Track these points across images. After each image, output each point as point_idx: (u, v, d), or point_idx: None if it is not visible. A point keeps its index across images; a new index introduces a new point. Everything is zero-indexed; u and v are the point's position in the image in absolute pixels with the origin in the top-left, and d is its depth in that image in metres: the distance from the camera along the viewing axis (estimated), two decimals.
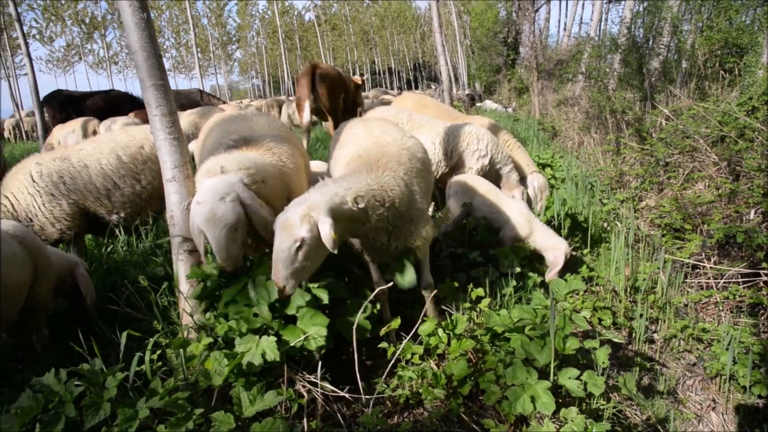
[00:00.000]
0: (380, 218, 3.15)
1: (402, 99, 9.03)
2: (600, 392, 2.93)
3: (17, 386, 3.10)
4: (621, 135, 10.00)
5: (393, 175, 3.25)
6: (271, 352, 2.64)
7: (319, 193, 2.91)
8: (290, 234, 2.78)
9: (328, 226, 2.73)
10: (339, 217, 2.90)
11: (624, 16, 14.35)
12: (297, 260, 2.82)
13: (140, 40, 2.99)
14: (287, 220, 2.81)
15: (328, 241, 2.74)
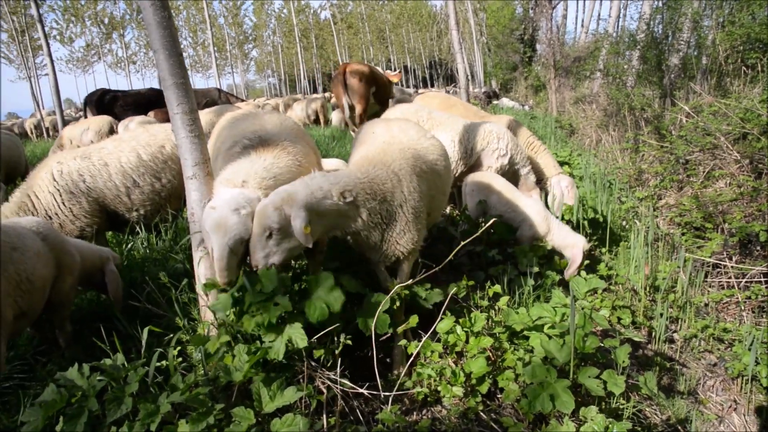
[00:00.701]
0: (372, 212, 3.11)
1: (428, 98, 8.99)
2: (620, 391, 2.90)
3: (40, 380, 3.15)
4: (640, 132, 9.90)
5: (386, 169, 3.22)
6: (298, 338, 2.66)
7: (303, 185, 2.92)
8: (260, 222, 2.84)
9: (300, 220, 2.76)
10: (321, 212, 2.91)
11: (643, 12, 14.17)
12: (269, 246, 2.88)
13: (162, 38, 3.01)
14: (262, 208, 2.85)
15: (299, 235, 2.77)
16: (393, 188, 3.18)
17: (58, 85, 14.18)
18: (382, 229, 3.22)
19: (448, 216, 6.07)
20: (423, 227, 3.42)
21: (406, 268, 3.52)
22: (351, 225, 3.11)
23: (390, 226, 3.22)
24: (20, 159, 9.69)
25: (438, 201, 3.79)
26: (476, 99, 22.04)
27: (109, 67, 60.55)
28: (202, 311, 3.36)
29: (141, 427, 2.42)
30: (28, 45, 37.28)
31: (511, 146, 6.00)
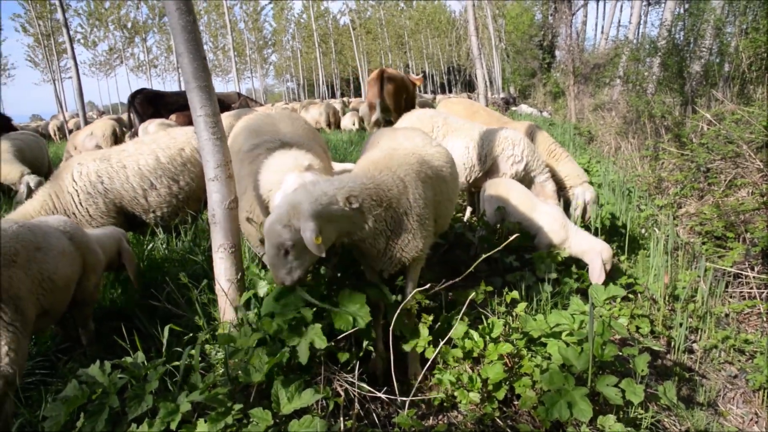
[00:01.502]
0: (377, 219, 3.03)
1: (451, 104, 9.00)
2: (639, 401, 2.88)
3: (62, 377, 3.19)
4: (660, 140, 9.82)
5: (391, 175, 3.15)
6: (319, 339, 2.67)
7: (305, 193, 2.83)
8: (274, 242, 2.77)
9: (310, 231, 2.66)
10: (329, 217, 2.82)
11: (665, 18, 14.07)
12: (288, 261, 2.82)
13: (186, 42, 3.05)
14: (270, 228, 2.77)
15: (312, 247, 2.67)
16: (399, 194, 3.12)
17: (81, 88, 14.40)
18: (387, 236, 3.15)
19: (465, 222, 6.06)
20: (429, 235, 3.36)
21: (413, 276, 3.48)
22: (357, 232, 3.03)
23: (395, 233, 3.15)
24: (44, 159, 9.88)
25: (445, 208, 3.72)
26: (494, 105, 21.99)
27: (130, 71, 61.62)
28: (222, 311, 3.39)
29: (161, 425, 2.45)
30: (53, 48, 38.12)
31: (527, 153, 5.97)
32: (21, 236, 2.99)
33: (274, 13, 69.42)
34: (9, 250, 2.83)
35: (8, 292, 2.74)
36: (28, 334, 2.87)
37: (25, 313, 2.83)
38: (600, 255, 4.66)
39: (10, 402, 2.74)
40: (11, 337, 2.73)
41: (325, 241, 2.78)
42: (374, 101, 12.30)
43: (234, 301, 3.32)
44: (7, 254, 2.81)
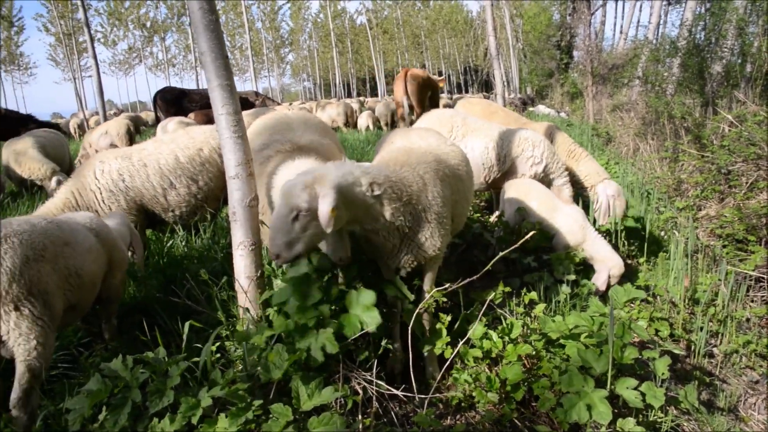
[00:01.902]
0: (395, 213, 2.98)
1: (469, 104, 8.98)
2: (660, 404, 2.86)
3: (83, 370, 3.23)
4: (679, 141, 9.72)
5: (412, 172, 3.13)
6: (330, 344, 2.67)
7: (334, 167, 2.79)
8: (288, 202, 2.67)
9: (329, 200, 2.57)
10: (350, 198, 2.75)
11: (685, 18, 13.94)
12: (294, 230, 2.69)
13: (209, 41, 3.08)
14: (289, 188, 2.70)
15: (324, 216, 2.58)
16: (419, 191, 3.11)
17: (101, 87, 14.58)
18: (404, 232, 3.12)
19: (483, 222, 6.05)
20: (446, 233, 3.35)
21: (431, 275, 3.48)
22: (372, 222, 2.98)
23: (412, 229, 3.13)
24: (65, 156, 10.05)
25: (461, 207, 3.70)
26: (512, 105, 21.92)
27: (149, 70, 62.46)
28: (241, 308, 3.42)
29: (182, 420, 2.48)
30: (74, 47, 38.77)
31: (547, 155, 5.94)
32: (49, 232, 3.04)
33: (291, 13, 69.95)
34: (37, 246, 2.88)
35: (37, 287, 2.79)
36: (54, 329, 2.92)
37: (52, 307, 2.88)
38: (608, 269, 4.65)
39: (36, 394, 2.79)
40: (39, 331, 2.77)
41: (337, 219, 2.68)
42: (400, 100, 13.18)
43: (253, 298, 3.34)
44: (35, 249, 2.85)
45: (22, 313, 2.73)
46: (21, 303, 2.73)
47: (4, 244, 2.74)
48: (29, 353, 2.74)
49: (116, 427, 2.52)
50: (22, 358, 2.74)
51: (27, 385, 2.73)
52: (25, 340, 2.74)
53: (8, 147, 9.04)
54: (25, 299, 2.74)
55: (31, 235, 2.89)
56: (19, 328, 2.73)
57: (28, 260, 2.79)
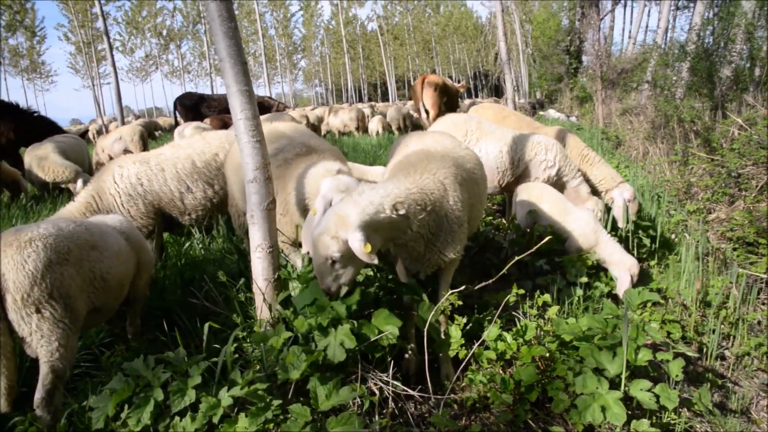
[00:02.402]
0: (422, 224, 3.05)
1: (482, 109, 9.03)
2: (673, 406, 2.88)
3: (105, 369, 3.31)
4: (689, 145, 9.72)
5: (432, 178, 3.16)
6: (349, 339, 2.72)
7: (352, 204, 2.85)
8: (321, 253, 2.82)
9: (358, 241, 2.69)
10: (377, 226, 2.85)
11: (694, 23, 13.93)
12: (335, 271, 2.88)
13: (228, 48, 3.15)
14: (318, 239, 2.82)
15: (362, 256, 2.70)
16: (440, 197, 3.14)
17: (120, 93, 14.77)
18: (428, 239, 3.17)
19: (495, 225, 6.09)
20: (464, 236, 3.40)
21: (447, 277, 3.52)
22: (401, 237, 3.07)
23: (435, 235, 3.18)
24: (84, 161, 10.26)
25: (476, 210, 3.76)
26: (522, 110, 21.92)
27: (165, 77, 63.23)
28: (259, 309, 3.48)
29: (203, 419, 2.54)
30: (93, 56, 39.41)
31: (560, 158, 5.97)
32: (76, 235, 3.08)
33: (303, 20, 70.36)
34: (62, 249, 2.92)
35: (59, 290, 2.83)
36: (77, 331, 2.96)
37: (74, 310, 2.92)
38: (629, 271, 4.65)
39: (59, 394, 2.84)
40: (61, 333, 2.82)
41: (373, 247, 2.80)
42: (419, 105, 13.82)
43: (271, 299, 3.41)
44: (59, 252, 2.89)
45: (44, 315, 2.78)
46: (42, 306, 2.77)
47: (27, 248, 2.78)
48: (52, 354, 2.80)
49: (139, 426, 2.57)
50: (45, 359, 2.79)
51: (50, 385, 2.79)
52: (47, 341, 2.79)
53: (30, 152, 9.23)
54: (47, 302, 2.79)
55: (57, 239, 2.93)
56: (41, 330, 2.77)
57: (50, 263, 2.82)
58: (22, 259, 2.74)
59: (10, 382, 2.81)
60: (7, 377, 2.79)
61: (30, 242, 2.82)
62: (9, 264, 2.72)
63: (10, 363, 2.79)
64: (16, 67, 54.54)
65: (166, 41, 59.71)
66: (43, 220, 3.63)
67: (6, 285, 2.70)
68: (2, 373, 2.77)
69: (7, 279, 2.71)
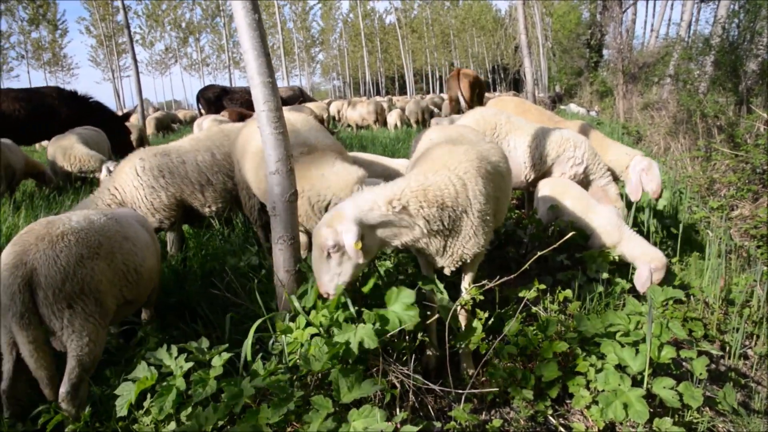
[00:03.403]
0: (430, 219, 3.01)
1: (502, 102, 8.94)
2: (698, 405, 2.84)
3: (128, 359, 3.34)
4: (712, 140, 9.59)
5: (448, 174, 3.12)
6: (369, 339, 2.71)
7: (351, 201, 2.93)
8: (319, 245, 2.87)
9: (351, 234, 2.74)
10: (372, 224, 2.89)
11: (719, 15, 13.70)
12: (332, 267, 2.90)
13: (251, 39, 3.14)
14: (317, 232, 2.88)
15: (350, 251, 2.77)
16: (456, 193, 3.09)
17: (140, 86, 14.89)
18: (445, 235, 3.14)
19: (516, 219, 6.05)
20: (490, 230, 3.34)
21: (471, 272, 3.50)
22: (409, 234, 3.05)
23: (454, 231, 3.14)
24: (105, 150, 10.44)
25: (502, 204, 3.69)
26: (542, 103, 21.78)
27: (184, 69, 63.94)
28: (280, 301, 3.49)
29: (225, 409, 2.55)
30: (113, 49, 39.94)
31: (588, 155, 5.88)
32: (107, 228, 3.09)
33: (322, 13, 70.58)
34: (93, 243, 2.93)
35: (89, 285, 2.85)
36: (106, 325, 2.98)
37: (104, 305, 2.93)
38: (648, 264, 4.53)
39: (84, 388, 2.87)
40: (91, 328, 2.84)
41: (368, 247, 2.87)
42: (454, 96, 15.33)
43: (292, 291, 3.41)
44: (90, 247, 2.91)
45: (75, 310, 2.78)
46: (74, 301, 2.78)
47: (60, 242, 2.80)
48: (81, 349, 2.81)
49: (161, 414, 2.60)
50: (74, 354, 2.80)
51: (76, 379, 2.81)
52: (78, 336, 2.80)
53: (54, 143, 9.40)
54: (78, 297, 2.79)
55: (88, 233, 2.94)
56: (72, 326, 2.78)
57: (82, 258, 2.84)
58: (54, 254, 2.75)
59: (50, 372, 2.83)
60: (46, 368, 2.80)
61: (62, 236, 2.83)
62: (41, 259, 2.73)
63: (46, 354, 2.80)
64: (38, 60, 55.31)
65: (185, 34, 60.30)
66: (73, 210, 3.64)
67: (37, 280, 2.70)
68: (41, 366, 2.78)
69: (38, 274, 2.71)
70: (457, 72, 15.69)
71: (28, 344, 2.72)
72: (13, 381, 2.83)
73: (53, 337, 2.82)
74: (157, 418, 2.62)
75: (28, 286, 2.68)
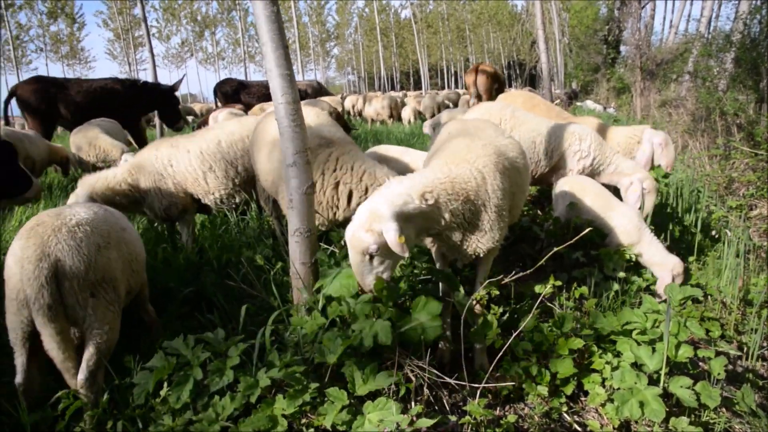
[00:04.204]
0: (455, 213, 3.01)
1: (511, 96, 8.91)
2: (715, 405, 2.81)
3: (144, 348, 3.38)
4: (731, 139, 9.48)
5: (469, 167, 3.11)
6: (384, 335, 2.71)
7: (382, 197, 2.85)
8: (358, 250, 2.80)
9: (393, 232, 2.68)
10: (407, 217, 2.83)
11: (741, 11, 13.49)
12: (374, 267, 2.87)
13: (270, 32, 3.14)
14: (353, 236, 2.81)
15: (396, 248, 2.70)
16: (477, 187, 3.09)
17: (157, 79, 14.96)
18: (465, 228, 3.14)
19: (532, 216, 6.02)
20: (505, 226, 3.34)
21: (485, 267, 3.49)
22: (435, 227, 3.05)
23: (472, 224, 3.14)
24: (124, 140, 10.78)
25: (518, 199, 3.68)
26: (558, 100, 21.66)
27: (199, 63, 64.41)
28: (295, 293, 3.51)
29: (241, 399, 2.58)
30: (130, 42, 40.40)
31: (594, 147, 5.82)
32: (108, 219, 3.12)
33: (337, 8, 70.57)
34: (103, 233, 2.97)
35: (108, 273, 2.89)
36: (120, 313, 3.03)
37: (120, 293, 2.98)
38: (672, 272, 4.49)
39: (101, 374, 2.90)
40: (111, 316, 2.89)
41: (407, 240, 2.80)
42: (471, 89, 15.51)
43: (308, 283, 3.42)
44: (103, 236, 2.94)
45: (98, 299, 2.83)
46: (96, 290, 2.82)
47: (78, 232, 2.82)
48: (101, 337, 2.85)
49: (178, 403, 2.62)
50: (93, 341, 2.84)
51: (94, 366, 2.84)
52: (99, 324, 2.84)
53: (78, 134, 9.77)
54: (99, 286, 2.83)
55: (98, 223, 2.97)
56: (95, 314, 2.82)
57: (99, 248, 2.87)
58: (75, 243, 2.78)
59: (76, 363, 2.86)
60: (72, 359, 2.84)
61: (78, 226, 2.86)
62: (65, 249, 2.74)
63: (72, 345, 2.84)
64: (56, 53, 55.98)
65: (201, 28, 60.73)
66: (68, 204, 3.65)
67: (63, 270, 2.72)
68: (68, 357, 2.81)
69: (63, 264, 2.72)
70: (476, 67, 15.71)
71: (56, 336, 2.74)
72: (28, 374, 2.85)
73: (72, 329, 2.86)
74: (173, 407, 2.64)
75: (55, 278, 2.70)
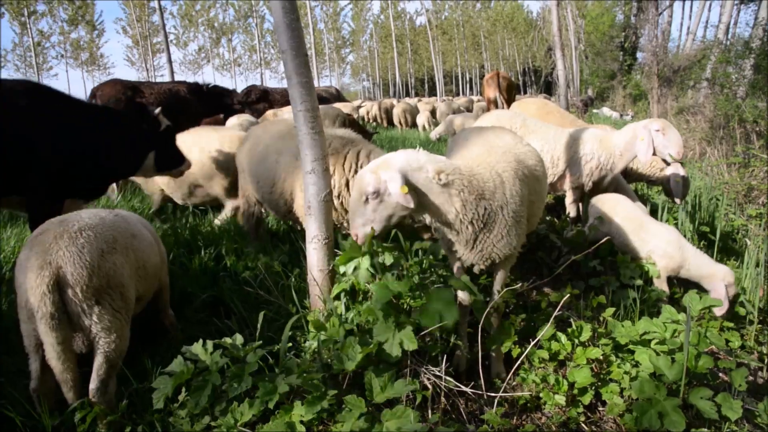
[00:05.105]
0: (466, 206, 3.00)
1: (524, 104, 8.87)
2: (737, 417, 2.78)
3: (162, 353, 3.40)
4: (750, 146, 9.38)
5: (489, 169, 3.14)
6: (408, 341, 2.71)
7: (402, 153, 2.97)
8: (359, 189, 2.90)
9: (396, 182, 2.76)
10: (414, 182, 2.88)
11: (760, 18, 13.36)
12: (367, 212, 2.93)
13: (290, 39, 3.18)
14: (360, 176, 2.92)
15: (398, 197, 2.78)
16: (494, 188, 3.10)
17: None
18: (478, 227, 3.11)
19: (549, 223, 5.98)
20: (523, 233, 3.34)
21: (503, 273, 3.47)
22: (443, 213, 3.02)
23: (487, 226, 3.13)
24: None
25: (536, 207, 3.67)
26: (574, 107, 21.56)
27: (216, 69, 65.17)
28: (313, 300, 3.51)
29: (260, 405, 2.59)
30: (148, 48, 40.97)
31: (596, 147, 5.75)
32: (116, 224, 3.09)
33: (353, 14, 70.96)
34: (109, 238, 2.93)
35: (114, 280, 2.85)
36: (129, 320, 2.99)
37: (128, 299, 2.95)
38: (723, 281, 4.26)
39: (113, 383, 2.89)
40: (118, 324, 2.85)
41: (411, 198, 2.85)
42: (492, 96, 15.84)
43: (325, 290, 3.43)
44: (108, 242, 2.90)
45: (104, 306, 2.78)
46: (101, 296, 2.77)
47: (79, 238, 2.78)
48: (109, 345, 2.80)
49: (197, 408, 2.64)
50: (102, 350, 2.80)
51: (104, 375, 2.81)
52: (106, 332, 2.79)
53: None
54: (105, 292, 2.79)
55: (103, 228, 2.94)
56: (102, 322, 2.77)
57: (103, 253, 2.82)
58: (77, 249, 2.73)
59: (76, 374, 2.82)
60: (72, 370, 2.79)
61: (80, 232, 2.82)
62: (65, 255, 2.70)
63: (73, 356, 2.80)
64: (76, 59, 56.76)
65: (218, 34, 61.42)
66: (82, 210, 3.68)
67: (65, 277, 2.68)
68: (68, 368, 2.76)
69: (65, 271, 2.68)
70: (496, 73, 16.12)
71: (57, 346, 2.69)
72: (42, 379, 2.83)
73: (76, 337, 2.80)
74: (192, 412, 2.66)
75: (57, 286, 2.66)
